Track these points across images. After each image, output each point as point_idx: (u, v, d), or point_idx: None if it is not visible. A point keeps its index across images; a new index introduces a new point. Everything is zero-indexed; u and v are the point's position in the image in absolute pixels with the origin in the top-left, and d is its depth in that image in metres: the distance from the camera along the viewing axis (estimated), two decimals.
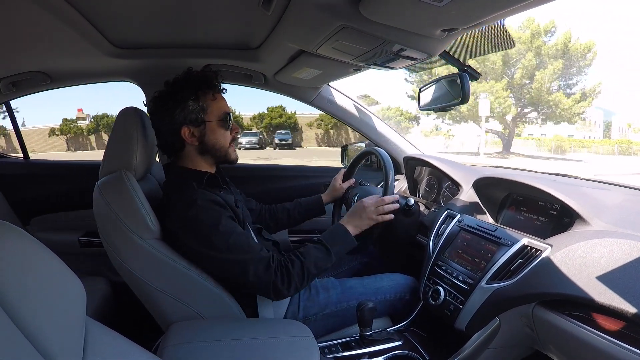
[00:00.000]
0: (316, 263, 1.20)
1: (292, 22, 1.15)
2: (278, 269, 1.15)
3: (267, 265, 1.14)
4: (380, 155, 1.52)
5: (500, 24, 1.13)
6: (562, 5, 20.45)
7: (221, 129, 1.26)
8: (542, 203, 1.27)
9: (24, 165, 2.23)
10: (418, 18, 0.93)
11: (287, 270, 1.16)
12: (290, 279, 1.15)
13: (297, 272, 1.16)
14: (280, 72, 1.70)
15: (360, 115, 2.11)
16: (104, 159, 1.22)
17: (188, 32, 1.47)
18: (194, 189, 1.17)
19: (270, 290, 1.14)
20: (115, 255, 1.14)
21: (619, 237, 0.93)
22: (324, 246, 1.25)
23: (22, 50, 1.50)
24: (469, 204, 1.47)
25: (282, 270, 1.15)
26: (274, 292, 1.14)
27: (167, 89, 1.24)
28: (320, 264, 1.22)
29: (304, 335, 1.14)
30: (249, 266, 1.12)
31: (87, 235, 2.04)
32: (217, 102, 1.26)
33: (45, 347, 0.53)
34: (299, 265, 1.17)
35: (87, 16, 1.23)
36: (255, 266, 1.12)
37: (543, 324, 1.01)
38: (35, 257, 0.60)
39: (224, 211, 1.16)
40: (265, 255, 1.16)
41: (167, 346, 1.05)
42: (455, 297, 1.23)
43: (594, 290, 0.88)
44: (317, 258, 1.21)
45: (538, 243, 1.09)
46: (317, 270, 1.21)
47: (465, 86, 1.28)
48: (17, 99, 2.04)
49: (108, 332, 0.73)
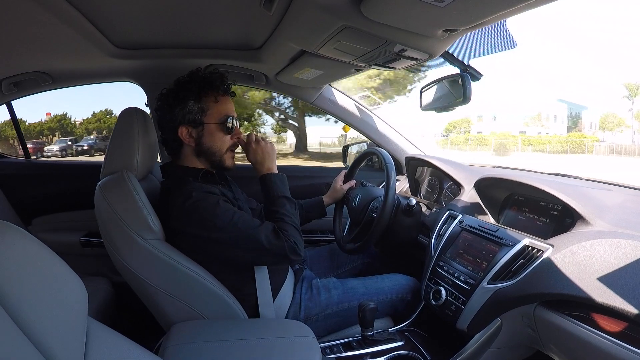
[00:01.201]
0: (292, 213, 1.28)
1: (293, 22, 1.15)
2: (283, 234, 1.18)
3: (275, 231, 1.18)
4: (381, 156, 1.52)
5: (501, 24, 1.12)
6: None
7: (220, 132, 1.26)
8: (544, 203, 1.27)
9: (26, 166, 2.23)
10: (419, 18, 0.93)
11: (287, 233, 1.20)
12: (294, 239, 1.20)
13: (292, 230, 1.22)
14: (282, 72, 1.70)
15: (361, 116, 2.11)
16: (106, 159, 1.22)
17: (190, 32, 1.47)
18: (190, 183, 1.18)
19: (287, 252, 1.17)
20: (117, 255, 1.14)
21: (621, 237, 0.93)
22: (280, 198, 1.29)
23: (23, 50, 1.50)
24: (471, 204, 1.47)
25: (284, 234, 1.19)
26: (291, 252, 1.18)
27: (172, 87, 1.25)
28: (294, 212, 1.29)
29: (306, 336, 1.14)
30: (260, 235, 1.14)
31: (89, 235, 2.04)
32: (220, 105, 1.26)
33: (46, 348, 0.53)
34: (287, 224, 1.23)
35: (89, 17, 1.23)
36: (266, 234, 1.15)
37: (544, 324, 1.01)
38: (37, 258, 0.60)
39: (220, 197, 1.18)
40: (270, 224, 1.19)
41: (169, 346, 1.05)
42: (457, 297, 1.22)
43: (595, 290, 0.87)
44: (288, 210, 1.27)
45: (539, 243, 1.09)
46: (297, 218, 1.29)
47: (467, 86, 1.28)
48: (18, 99, 2.04)
49: (109, 332, 0.73)
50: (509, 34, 1.19)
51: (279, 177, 1.33)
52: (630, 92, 44.23)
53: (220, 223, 1.12)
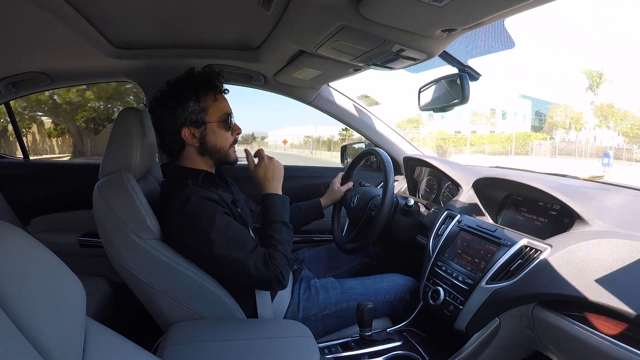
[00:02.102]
0: (286, 240, 1.24)
1: (292, 22, 1.15)
2: (272, 262, 1.15)
3: (265, 259, 1.14)
4: (380, 156, 1.52)
5: (500, 24, 1.13)
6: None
7: (222, 130, 1.26)
8: (542, 203, 1.27)
9: (24, 166, 2.23)
10: (418, 18, 0.93)
11: (274, 262, 1.16)
12: (280, 268, 1.16)
13: (281, 260, 1.18)
14: (280, 72, 1.70)
15: (360, 116, 2.11)
16: (104, 159, 1.22)
17: (188, 32, 1.46)
18: (189, 187, 1.17)
19: (272, 282, 1.14)
20: (115, 255, 1.14)
21: (619, 237, 0.93)
22: (277, 223, 1.26)
23: (22, 50, 1.50)
24: (469, 204, 1.47)
25: (273, 264, 1.15)
26: (276, 282, 1.15)
27: (168, 89, 1.24)
28: (288, 239, 1.26)
29: (304, 336, 1.14)
30: (249, 261, 1.12)
31: (87, 235, 2.04)
32: (219, 103, 1.26)
33: (45, 348, 0.53)
34: (278, 253, 1.19)
35: (87, 16, 1.23)
36: (255, 261, 1.13)
37: (543, 325, 1.01)
38: (35, 258, 0.60)
39: (219, 207, 1.16)
40: (262, 250, 1.17)
41: (167, 346, 1.05)
42: (455, 297, 1.23)
43: (593, 290, 0.88)
44: (283, 237, 1.23)
45: (538, 243, 1.09)
46: (289, 245, 1.25)
47: (465, 86, 1.28)
48: (17, 99, 2.04)
49: (108, 333, 0.73)
50: (508, 34, 1.19)
51: (282, 199, 1.32)
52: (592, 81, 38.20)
53: (213, 236, 1.10)
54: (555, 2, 0.78)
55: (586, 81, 38.90)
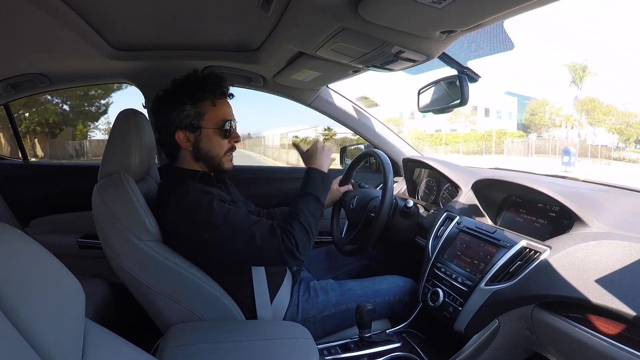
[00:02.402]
0: (311, 213, 1.21)
1: (291, 23, 1.15)
2: (282, 232, 1.12)
3: (271, 229, 1.12)
4: (379, 157, 1.52)
5: (499, 25, 1.13)
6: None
7: (217, 136, 1.24)
8: (541, 205, 1.27)
9: (23, 167, 2.22)
10: (417, 20, 0.93)
11: (289, 231, 1.13)
12: (296, 238, 1.12)
13: (299, 230, 1.14)
14: (280, 74, 1.70)
15: (359, 117, 2.11)
16: (103, 160, 1.21)
17: (187, 34, 1.46)
18: (187, 184, 1.17)
19: (282, 253, 1.10)
20: (114, 257, 1.13)
21: (618, 239, 0.93)
22: (309, 195, 1.25)
23: (21, 52, 1.50)
24: (468, 205, 1.47)
25: (285, 233, 1.13)
26: (287, 254, 1.11)
27: (169, 90, 1.23)
28: (315, 213, 1.22)
29: (303, 337, 1.14)
30: (254, 232, 1.10)
31: (86, 237, 2.04)
32: (217, 109, 1.24)
33: (44, 349, 0.53)
34: (297, 223, 1.16)
35: (86, 18, 1.23)
36: (261, 231, 1.10)
37: (542, 326, 1.01)
38: (34, 259, 0.60)
39: (216, 197, 1.15)
40: (267, 221, 1.15)
41: (166, 348, 1.04)
42: (455, 298, 1.23)
43: (592, 292, 0.88)
44: (309, 209, 1.21)
45: (537, 245, 1.09)
46: (315, 219, 1.21)
47: (464, 88, 1.28)
48: (16, 100, 2.04)
49: (107, 334, 0.73)
50: (507, 35, 1.19)
51: (323, 175, 1.32)
52: (575, 74, 36.08)
53: (215, 220, 1.09)
54: (555, 2, 0.78)
55: (569, 75, 37.27)
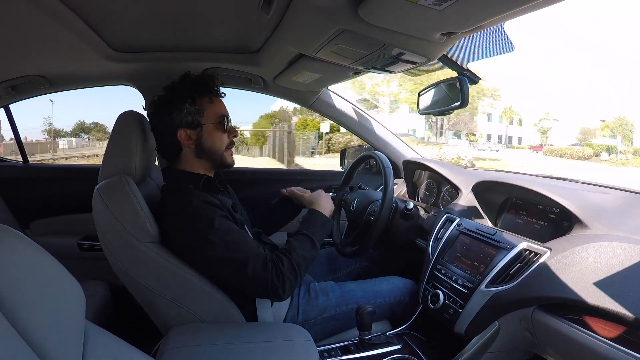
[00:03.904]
0: (304, 256, 1.18)
1: (291, 25, 1.15)
2: (273, 268, 1.12)
3: (264, 262, 1.11)
4: (379, 159, 1.52)
5: (499, 27, 1.13)
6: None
7: (218, 131, 1.27)
8: (541, 207, 1.27)
9: (23, 169, 2.22)
10: (417, 22, 0.93)
11: (280, 269, 1.12)
12: (284, 277, 1.11)
13: (288, 269, 1.13)
14: (280, 75, 1.70)
15: (359, 119, 2.11)
16: (104, 162, 1.22)
17: (187, 35, 1.47)
18: (190, 191, 1.18)
19: (269, 288, 1.10)
20: (115, 258, 1.13)
21: (618, 240, 0.93)
22: (305, 236, 1.24)
23: (21, 53, 1.50)
24: (468, 207, 1.47)
25: (276, 270, 1.12)
26: (272, 291, 1.10)
27: (165, 92, 1.26)
28: (307, 255, 1.20)
29: (304, 339, 1.14)
30: (247, 263, 1.09)
31: (87, 239, 2.04)
32: (214, 105, 1.28)
33: (44, 351, 0.53)
34: (288, 262, 1.14)
35: (87, 20, 1.23)
36: (254, 263, 1.10)
37: (542, 328, 1.01)
38: (35, 261, 0.60)
39: (219, 211, 1.16)
40: (263, 253, 1.14)
41: (167, 350, 1.04)
42: (455, 300, 1.23)
43: (592, 294, 0.88)
44: (303, 250, 1.20)
45: (537, 247, 1.09)
46: (306, 262, 1.19)
47: (465, 90, 1.28)
48: (16, 102, 2.04)
49: (107, 336, 0.73)
50: (507, 37, 1.19)
51: (324, 220, 1.33)
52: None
53: (212, 236, 1.09)
54: (555, 4, 0.78)
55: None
